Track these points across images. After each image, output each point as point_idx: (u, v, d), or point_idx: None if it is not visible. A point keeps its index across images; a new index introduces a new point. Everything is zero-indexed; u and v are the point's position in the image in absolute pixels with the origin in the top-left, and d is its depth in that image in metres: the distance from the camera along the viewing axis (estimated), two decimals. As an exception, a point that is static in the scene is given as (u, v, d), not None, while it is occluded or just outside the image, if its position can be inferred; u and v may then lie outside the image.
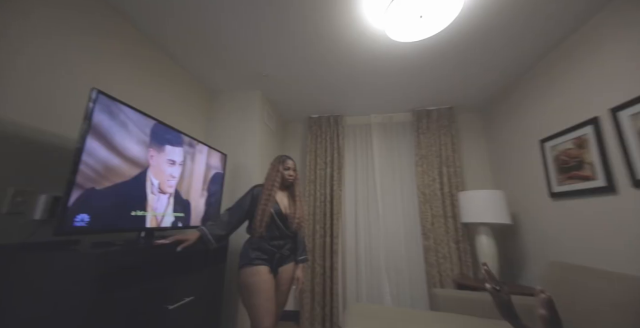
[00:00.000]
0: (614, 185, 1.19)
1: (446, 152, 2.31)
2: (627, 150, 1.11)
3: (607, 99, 1.20)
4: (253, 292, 1.12)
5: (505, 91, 2.06)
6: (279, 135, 2.72)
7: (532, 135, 1.75)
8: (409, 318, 1.39)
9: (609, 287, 1.00)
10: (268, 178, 1.31)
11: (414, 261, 2.19)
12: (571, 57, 1.42)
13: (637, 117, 1.07)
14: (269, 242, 1.23)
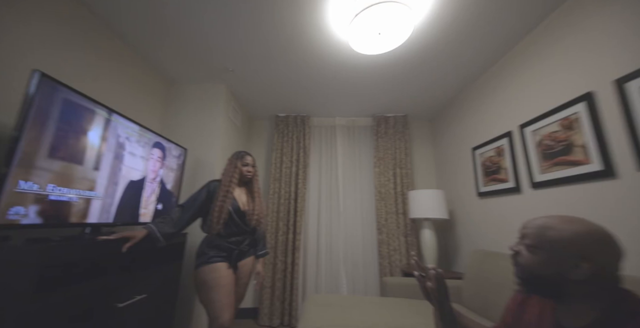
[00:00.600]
0: (520, 187, 1.50)
1: (400, 155, 2.57)
2: (528, 159, 1.43)
3: (519, 116, 1.52)
4: (212, 287, 1.11)
5: (449, 104, 2.39)
6: (245, 132, 2.68)
7: (466, 144, 2.07)
8: (360, 304, 1.54)
9: (511, 266, 1.29)
10: (225, 174, 1.29)
11: (369, 254, 2.39)
12: (499, 77, 1.74)
13: (537, 132, 1.38)
14: (227, 239, 1.22)
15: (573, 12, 1.21)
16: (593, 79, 1.10)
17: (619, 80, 0.98)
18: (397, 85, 2.11)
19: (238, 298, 1.26)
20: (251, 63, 1.81)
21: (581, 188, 1.15)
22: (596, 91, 1.08)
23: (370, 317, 1.33)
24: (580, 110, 1.14)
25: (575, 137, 1.17)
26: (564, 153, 1.22)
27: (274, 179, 2.46)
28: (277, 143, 2.58)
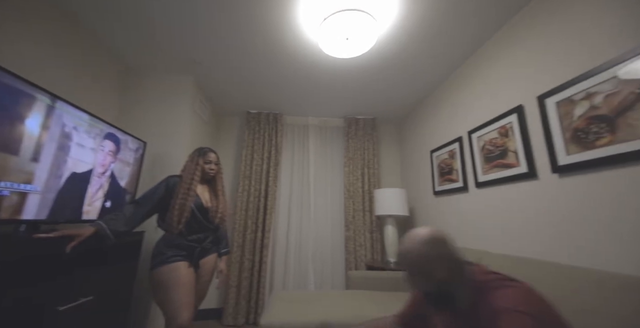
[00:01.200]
0: (467, 186, 1.68)
1: (368, 156, 2.70)
2: (474, 162, 1.61)
3: (468, 123, 1.71)
4: (170, 287, 1.06)
5: (413, 110, 2.57)
6: (213, 127, 2.59)
7: (426, 147, 2.25)
8: (323, 298, 1.60)
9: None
10: (186, 171, 1.24)
11: (336, 250, 2.47)
12: (452, 87, 1.92)
13: (481, 138, 1.56)
14: (187, 238, 1.18)
15: (508, 37, 1.40)
16: (522, 94, 1.29)
17: (541, 96, 1.16)
18: (366, 89, 2.21)
19: (199, 297, 1.23)
20: (220, 57, 1.77)
21: (513, 187, 1.33)
22: (525, 104, 1.27)
23: (331, 309, 1.40)
24: (513, 121, 1.32)
25: (509, 143, 1.35)
26: (500, 157, 1.41)
27: (243, 177, 2.42)
28: (247, 140, 2.55)
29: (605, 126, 0.92)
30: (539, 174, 1.19)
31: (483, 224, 1.52)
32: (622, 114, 0.87)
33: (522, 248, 1.23)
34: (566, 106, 1.06)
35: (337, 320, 1.29)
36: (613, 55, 0.91)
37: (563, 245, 1.05)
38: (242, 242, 2.25)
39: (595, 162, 0.94)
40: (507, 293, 0.59)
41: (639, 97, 0.83)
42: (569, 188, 1.05)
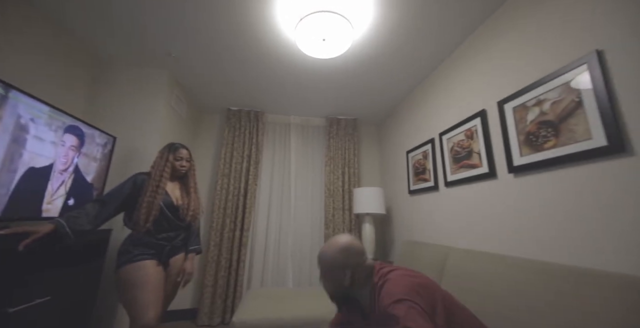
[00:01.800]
0: (438, 185, 1.77)
1: (349, 156, 2.75)
2: (444, 162, 1.70)
3: (439, 125, 1.79)
4: (135, 286, 1.03)
5: (392, 111, 2.65)
6: (192, 124, 2.53)
7: (403, 147, 2.34)
8: (298, 295, 1.62)
9: (429, 252, 1.52)
10: (155, 168, 1.21)
11: (315, 247, 2.50)
12: (426, 91, 2.01)
13: (450, 140, 1.65)
14: (156, 236, 1.15)
15: (474, 45, 1.50)
16: (485, 99, 1.38)
17: (500, 102, 1.25)
18: (347, 90, 2.26)
19: (168, 296, 1.20)
20: (197, 52, 1.74)
21: (477, 186, 1.42)
22: (487, 109, 1.36)
23: (304, 305, 1.42)
24: (477, 124, 1.41)
25: (474, 145, 1.44)
26: (466, 158, 1.50)
27: (222, 175, 2.39)
28: (227, 137, 2.51)
29: (552, 130, 1.01)
30: (498, 174, 1.28)
31: (452, 221, 1.61)
32: (564, 120, 0.96)
33: (486, 244, 1.31)
34: (521, 111, 1.15)
35: (309, 316, 1.32)
36: (559, 66, 1.00)
37: (522, 239, 1.11)
38: (220, 241, 2.22)
39: (543, 163, 1.03)
40: (387, 289, 0.68)
41: (578, 105, 0.92)
42: (523, 187, 1.14)
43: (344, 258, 0.75)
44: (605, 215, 0.83)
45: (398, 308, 0.63)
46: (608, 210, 0.82)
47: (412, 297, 0.64)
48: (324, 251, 0.79)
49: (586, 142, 0.88)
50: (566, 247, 0.93)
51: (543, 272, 0.86)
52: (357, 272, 0.75)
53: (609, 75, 0.84)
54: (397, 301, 0.64)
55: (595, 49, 0.87)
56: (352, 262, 0.75)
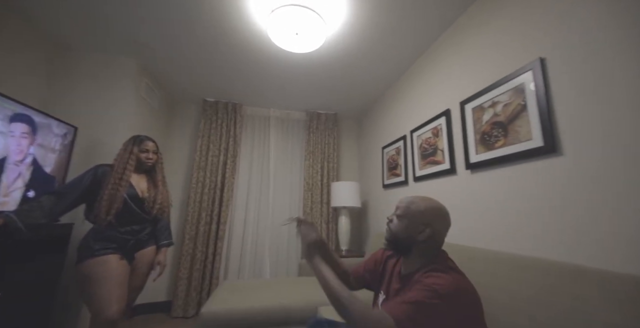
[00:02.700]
0: (407, 180, 1.86)
1: (329, 150, 2.79)
2: (413, 158, 1.78)
3: (410, 123, 1.87)
4: (97, 280, 1.02)
5: (370, 108, 2.71)
6: (166, 115, 2.45)
7: (379, 143, 2.41)
8: (271, 286, 1.65)
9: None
10: (119, 161, 1.18)
11: (293, 240, 2.55)
12: (399, 90, 2.07)
13: (420, 137, 1.73)
14: (119, 230, 1.13)
15: (440, 49, 1.57)
16: (451, 99, 1.45)
17: (462, 102, 1.33)
18: (326, 85, 2.27)
19: (135, 290, 1.20)
20: (167, 40, 1.66)
21: (440, 181, 1.51)
22: (451, 109, 1.44)
23: (275, 295, 1.46)
24: (442, 123, 1.49)
25: (439, 143, 1.53)
26: (432, 154, 1.58)
27: (198, 168, 2.35)
28: (203, 129, 2.46)
29: (502, 131, 1.09)
30: (457, 170, 1.37)
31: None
32: (512, 121, 1.05)
33: (449, 234, 1.38)
34: (478, 112, 1.23)
35: (281, 304, 1.37)
36: (511, 71, 1.08)
37: (479, 230, 1.20)
38: (195, 234, 2.21)
39: (494, 161, 1.12)
40: (439, 276, 0.66)
41: (523, 108, 1.00)
42: (478, 182, 1.23)
43: (434, 216, 0.74)
44: (543, 208, 0.92)
45: (418, 292, 0.61)
46: (546, 202, 0.91)
47: (441, 299, 0.60)
48: (416, 201, 0.77)
49: (527, 142, 0.97)
50: (516, 237, 1.01)
51: (498, 261, 0.91)
52: (433, 237, 0.73)
53: (548, 82, 0.92)
54: (427, 289, 0.61)
55: (539, 56, 0.95)
56: (437, 227, 0.74)
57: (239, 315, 1.28)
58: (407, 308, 0.59)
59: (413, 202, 0.79)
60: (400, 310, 0.60)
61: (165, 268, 2.06)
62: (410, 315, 0.58)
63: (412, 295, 0.62)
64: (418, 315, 0.59)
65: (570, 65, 0.87)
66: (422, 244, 0.75)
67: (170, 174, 2.40)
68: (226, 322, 1.25)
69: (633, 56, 0.71)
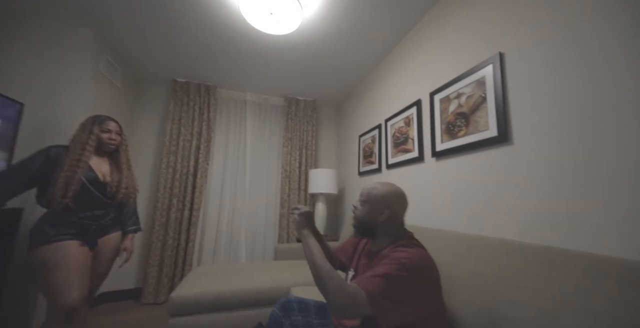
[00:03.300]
0: (381, 167, 1.94)
1: (307, 137, 2.79)
2: (387, 146, 1.84)
3: (385, 112, 1.92)
4: (54, 266, 0.96)
5: (349, 96, 2.72)
6: (131, 94, 2.27)
7: (356, 131, 2.45)
8: (244, 270, 1.66)
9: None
10: (76, 141, 1.10)
11: (270, 226, 2.58)
12: (375, 80, 2.09)
13: (393, 126, 1.79)
14: (79, 214, 1.07)
15: (415, 38, 1.60)
16: (422, 89, 1.51)
17: (432, 93, 1.39)
18: (304, 70, 2.23)
19: (98, 277, 1.15)
20: (131, 12, 1.51)
21: (409, 168, 1.60)
22: (422, 99, 1.50)
23: (248, 278, 1.48)
24: (414, 112, 1.55)
25: (410, 132, 1.60)
26: (404, 143, 1.65)
27: (168, 152, 2.24)
28: (174, 112, 2.32)
29: (464, 121, 1.17)
30: (425, 158, 1.45)
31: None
32: (473, 112, 1.12)
33: (417, 219, 1.46)
34: (445, 103, 1.30)
35: (252, 287, 1.39)
36: (475, 64, 1.14)
37: (445, 214, 1.27)
38: (166, 221, 2.14)
39: (457, 149, 1.20)
40: (406, 250, 0.72)
41: (483, 100, 1.08)
42: (443, 169, 1.32)
43: (392, 198, 0.82)
44: (499, 192, 1.00)
45: (387, 266, 0.66)
46: (499, 187, 0.99)
47: (408, 271, 0.65)
48: (376, 187, 0.85)
49: (485, 132, 1.06)
50: (477, 219, 1.07)
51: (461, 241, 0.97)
52: (393, 217, 0.81)
53: (505, 75, 0.99)
54: (395, 262, 0.66)
55: (499, 51, 1.01)
56: (395, 208, 0.82)
57: (210, 298, 1.29)
58: (378, 282, 0.64)
59: (374, 188, 0.86)
60: (371, 283, 0.64)
61: (133, 254, 2.02)
62: (380, 287, 0.63)
63: (382, 269, 0.67)
64: (388, 287, 0.63)
65: (525, 60, 0.94)
66: (384, 225, 0.82)
67: (138, 158, 2.27)
68: (197, 305, 1.26)
69: (583, 53, 0.78)
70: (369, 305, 0.61)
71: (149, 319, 1.71)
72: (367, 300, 0.61)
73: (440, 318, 0.74)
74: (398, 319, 0.66)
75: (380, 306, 0.61)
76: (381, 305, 0.62)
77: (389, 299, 0.63)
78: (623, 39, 0.69)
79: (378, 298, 0.62)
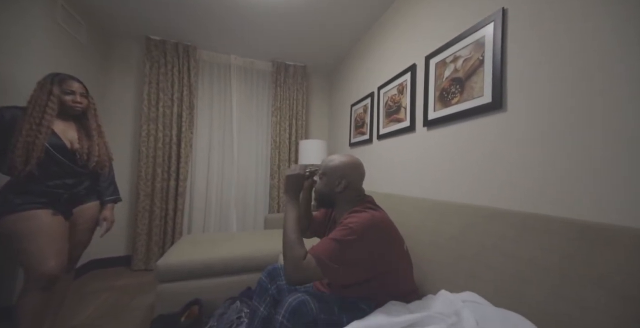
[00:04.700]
0: (372, 138, 1.90)
1: (297, 107, 2.67)
2: (379, 116, 1.78)
3: (379, 79, 1.82)
4: (27, 236, 0.93)
5: (341, 62, 2.55)
6: (99, 53, 2.03)
7: (348, 101, 2.35)
8: (231, 238, 1.69)
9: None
10: (34, 103, 0.98)
11: (260, 196, 2.59)
12: (370, 41, 1.94)
13: (386, 94, 1.70)
14: (46, 183, 1.00)
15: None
16: (416, 53, 1.41)
17: (428, 56, 1.30)
18: (293, 32, 2.02)
19: (77, 246, 1.12)
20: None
21: (400, 138, 1.57)
22: (417, 64, 1.40)
23: (236, 246, 1.50)
24: (407, 79, 1.47)
25: (402, 100, 1.53)
26: (396, 112, 1.60)
27: (147, 119, 2.10)
28: (150, 75, 2.12)
29: (459, 87, 1.11)
30: (416, 127, 1.42)
31: (380, 171, 1.79)
32: (469, 77, 1.06)
33: (408, 189, 1.48)
34: (441, 67, 1.22)
35: (240, 255, 1.41)
36: (474, 23, 1.04)
37: (437, 184, 1.25)
38: (152, 191, 2.10)
39: (449, 118, 1.16)
40: (356, 215, 0.75)
41: (480, 63, 1.01)
42: (434, 138, 1.28)
43: (346, 169, 0.85)
44: (491, 160, 0.98)
45: (337, 232, 0.71)
46: (492, 156, 0.97)
47: (356, 234, 0.69)
48: (333, 158, 0.88)
49: (479, 98, 1.01)
50: (472, 188, 1.04)
51: (448, 210, 0.96)
52: (350, 186, 0.84)
53: (506, 36, 0.92)
54: (344, 227, 0.71)
55: (502, 6, 0.92)
56: (351, 177, 0.85)
57: (197, 265, 1.30)
58: (327, 247, 0.70)
59: (330, 160, 0.89)
60: (322, 249, 0.70)
61: (120, 223, 2.02)
62: (329, 252, 0.68)
63: (332, 235, 0.72)
64: (337, 251, 0.69)
65: (528, 18, 0.86)
66: (341, 195, 0.86)
67: (114, 125, 2.12)
68: (185, 272, 1.28)
69: (590, 11, 0.71)
70: (320, 270, 0.67)
71: (140, 285, 1.77)
72: (318, 266, 0.67)
73: (398, 274, 0.79)
74: (348, 280, 0.75)
75: (329, 270, 0.67)
76: (330, 269, 0.67)
77: (337, 263, 0.68)
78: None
79: (327, 262, 0.67)
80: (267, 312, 0.83)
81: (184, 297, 1.25)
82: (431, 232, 0.99)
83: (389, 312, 0.62)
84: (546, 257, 0.62)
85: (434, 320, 0.54)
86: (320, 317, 0.68)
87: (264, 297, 0.86)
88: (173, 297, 1.24)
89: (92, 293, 1.62)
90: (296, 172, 0.88)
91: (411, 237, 1.05)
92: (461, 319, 0.53)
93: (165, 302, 1.22)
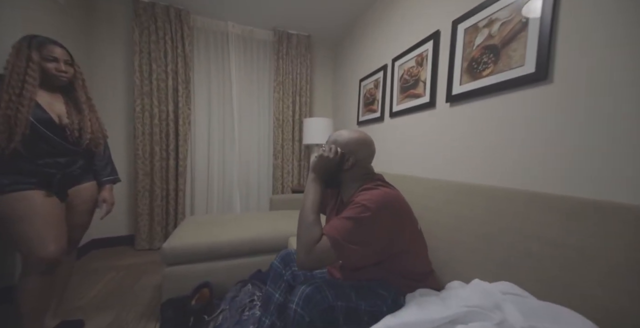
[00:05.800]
0: (383, 116, 1.78)
1: (301, 82, 2.49)
2: (392, 92, 1.65)
3: (393, 49, 1.65)
4: (21, 218, 0.86)
5: (348, 32, 2.32)
6: (82, 18, 1.81)
7: (356, 75, 2.18)
8: (236, 220, 1.64)
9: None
10: (11, 70, 0.85)
11: (263, 176, 2.53)
12: (379, 13, 1.73)
13: (402, 67, 1.55)
14: (36, 161, 0.91)
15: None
16: (441, 18, 1.24)
17: (455, 21, 1.14)
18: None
19: (76, 228, 1.06)
20: None
21: (417, 116, 1.45)
22: (442, 30, 1.24)
23: (242, 228, 1.45)
24: (429, 48, 1.31)
25: (422, 73, 1.39)
26: (413, 87, 1.46)
27: (140, 93, 1.94)
28: (140, 43, 1.91)
29: (492, 56, 0.98)
30: (437, 103, 1.30)
31: (392, 151, 1.70)
32: (507, 44, 0.93)
33: (421, 170, 1.40)
34: (471, 33, 1.07)
35: (248, 237, 1.36)
36: (522, -24, 0.88)
37: (456, 165, 1.18)
38: (151, 170, 2.01)
39: (477, 92, 1.05)
40: (368, 193, 0.71)
41: (523, 27, 0.87)
42: (457, 115, 1.18)
43: (355, 145, 0.78)
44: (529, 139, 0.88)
45: (350, 210, 0.67)
46: (532, 134, 0.87)
47: (371, 211, 0.65)
48: (342, 133, 0.81)
49: (518, 68, 0.89)
50: (497, 170, 0.98)
51: (475, 193, 0.88)
52: (358, 164, 0.78)
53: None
54: (357, 205, 0.67)
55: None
56: (360, 154, 0.79)
57: (202, 249, 1.26)
58: (341, 226, 0.65)
59: (339, 135, 0.81)
60: (334, 228, 0.65)
61: (120, 203, 1.95)
62: (343, 232, 0.64)
63: (346, 213, 0.68)
64: (351, 230, 0.65)
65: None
66: (349, 172, 0.79)
67: (104, 98, 1.97)
68: (192, 254, 1.24)
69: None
70: (334, 252, 0.63)
71: (144, 264, 1.77)
72: (332, 248, 0.63)
73: (413, 254, 0.76)
74: (364, 261, 0.72)
75: (345, 251, 0.64)
76: (347, 250, 0.64)
77: (353, 243, 0.64)
78: None
79: (343, 243, 0.64)
80: (282, 299, 0.79)
81: (191, 279, 1.22)
82: (455, 215, 0.93)
83: (423, 305, 0.57)
84: (598, 245, 0.56)
85: (476, 316, 0.49)
86: (337, 304, 0.65)
87: (278, 283, 0.82)
88: (180, 279, 1.21)
89: (96, 273, 1.61)
90: (332, 156, 0.79)
91: (429, 219, 1.00)
92: (504, 314, 0.48)
93: (172, 285, 1.20)
